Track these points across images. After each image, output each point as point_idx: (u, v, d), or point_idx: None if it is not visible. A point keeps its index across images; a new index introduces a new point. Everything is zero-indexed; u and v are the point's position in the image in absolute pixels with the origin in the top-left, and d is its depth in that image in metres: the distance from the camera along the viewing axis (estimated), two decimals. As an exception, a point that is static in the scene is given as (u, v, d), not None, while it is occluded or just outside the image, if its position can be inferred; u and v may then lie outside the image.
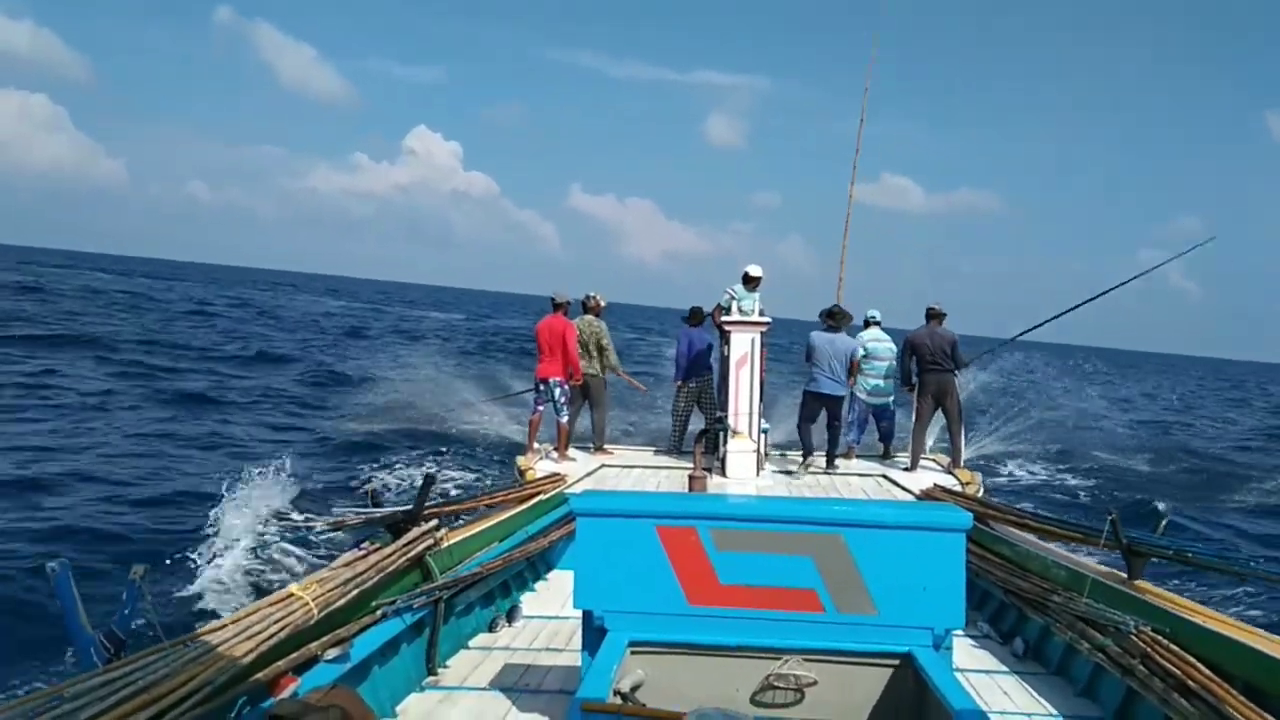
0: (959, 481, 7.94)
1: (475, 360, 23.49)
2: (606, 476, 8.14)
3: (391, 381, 17.15)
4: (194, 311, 38.66)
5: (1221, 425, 25.33)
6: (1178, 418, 26.66)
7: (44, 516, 8.44)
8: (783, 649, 2.84)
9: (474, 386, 15.63)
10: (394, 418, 14.72)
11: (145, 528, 8.40)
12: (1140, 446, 16.65)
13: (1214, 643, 3.23)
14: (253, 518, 8.26)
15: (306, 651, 3.08)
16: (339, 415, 15.44)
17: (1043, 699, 3.74)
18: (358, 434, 13.82)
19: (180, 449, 12.23)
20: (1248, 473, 15.19)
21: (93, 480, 9.99)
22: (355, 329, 39.57)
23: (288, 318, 42.71)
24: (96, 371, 18.28)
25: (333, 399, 17.51)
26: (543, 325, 8.80)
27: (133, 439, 12.44)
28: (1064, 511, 9.49)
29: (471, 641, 4.32)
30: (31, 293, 36.76)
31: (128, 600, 2.71)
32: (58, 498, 9.10)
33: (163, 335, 26.31)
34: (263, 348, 26.19)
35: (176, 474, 10.75)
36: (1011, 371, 16.89)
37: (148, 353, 21.78)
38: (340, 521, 4.05)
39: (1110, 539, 4.07)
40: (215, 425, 14.13)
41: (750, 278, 8.90)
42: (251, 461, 9.60)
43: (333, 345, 30.67)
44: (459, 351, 27.36)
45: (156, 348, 23.01)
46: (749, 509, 3.19)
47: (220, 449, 12.50)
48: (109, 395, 15.69)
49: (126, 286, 51.77)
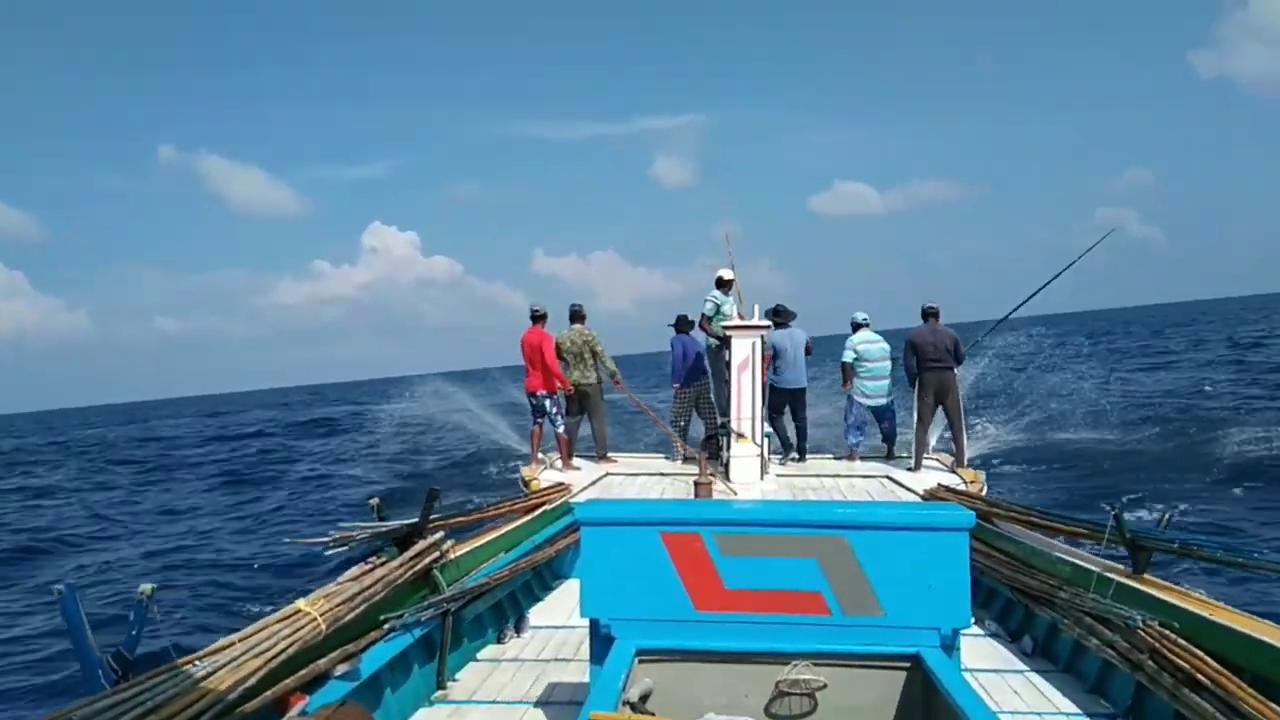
0: (963, 480, 7.93)
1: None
2: (611, 485, 8.14)
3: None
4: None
5: (1189, 377, 24.08)
6: (1152, 376, 25.53)
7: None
8: (790, 653, 2.83)
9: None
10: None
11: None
12: (1116, 420, 16.04)
13: (1222, 636, 3.23)
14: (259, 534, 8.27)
15: (315, 668, 3.08)
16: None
17: (1053, 697, 3.73)
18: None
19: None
20: (1217, 429, 14.49)
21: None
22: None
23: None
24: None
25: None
26: (524, 339, 8.78)
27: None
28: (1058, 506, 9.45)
29: (480, 654, 4.32)
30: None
31: (135, 620, 2.71)
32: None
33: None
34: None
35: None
36: (1007, 354, 16.68)
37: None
38: (347, 536, 4.05)
39: (1114, 534, 4.07)
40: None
41: (724, 281, 9.06)
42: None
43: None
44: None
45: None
46: (753, 513, 3.19)
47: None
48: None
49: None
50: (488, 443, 14.90)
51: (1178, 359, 31.06)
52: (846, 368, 9.28)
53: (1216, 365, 26.81)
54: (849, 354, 9.23)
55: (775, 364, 9.20)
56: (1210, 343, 37.88)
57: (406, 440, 20.97)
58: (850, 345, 9.27)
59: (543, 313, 8.84)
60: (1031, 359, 18.33)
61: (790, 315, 9.37)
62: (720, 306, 9.01)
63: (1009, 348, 16.13)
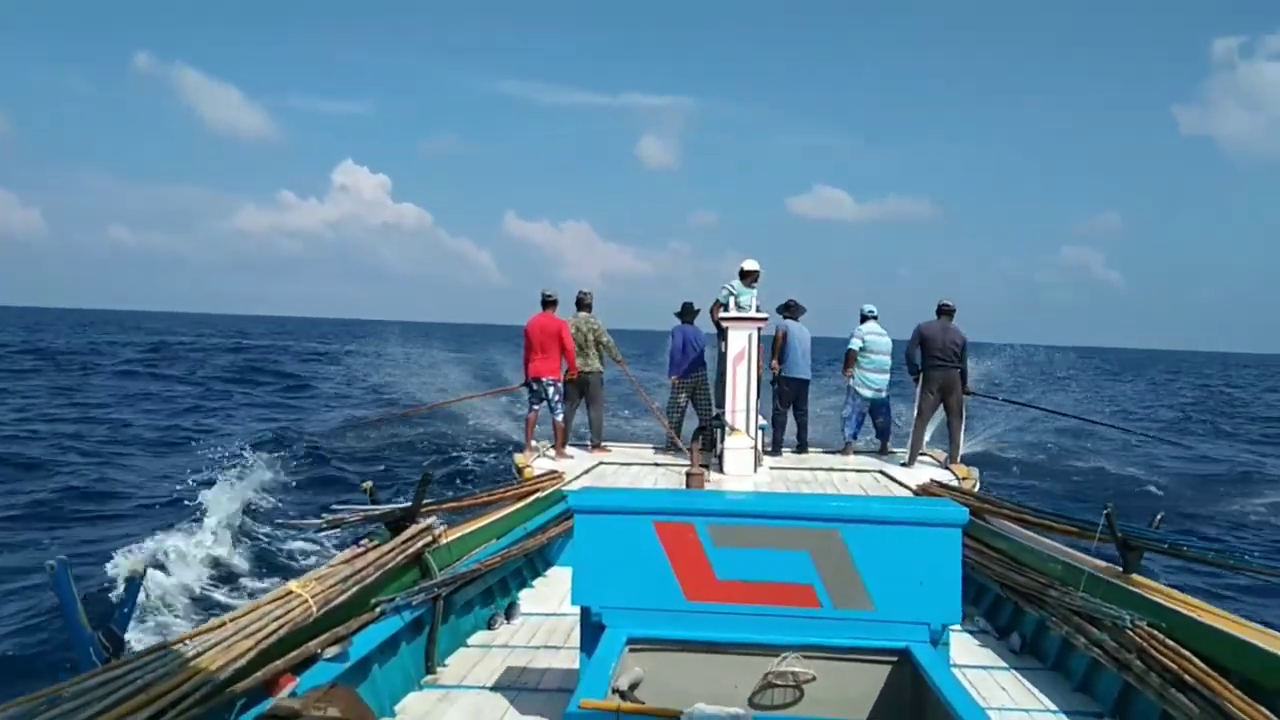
0: (956, 477, 7.96)
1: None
2: (604, 473, 8.15)
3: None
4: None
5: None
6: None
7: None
8: (780, 645, 2.84)
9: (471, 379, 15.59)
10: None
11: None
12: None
13: (1210, 637, 3.24)
14: (243, 512, 8.28)
15: (305, 650, 3.08)
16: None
17: (1040, 694, 3.75)
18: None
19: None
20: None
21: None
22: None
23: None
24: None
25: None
26: (534, 323, 8.71)
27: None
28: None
29: (470, 639, 4.33)
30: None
31: (127, 598, 2.70)
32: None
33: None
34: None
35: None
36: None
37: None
38: (339, 518, 4.04)
39: (1105, 533, 4.08)
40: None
41: (746, 272, 8.91)
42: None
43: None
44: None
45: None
46: (746, 505, 3.19)
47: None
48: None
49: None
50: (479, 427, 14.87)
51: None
52: (851, 354, 9.31)
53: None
54: (856, 342, 9.27)
55: (785, 355, 9.22)
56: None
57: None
58: (858, 334, 9.30)
59: (555, 298, 8.81)
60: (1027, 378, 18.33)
61: (800, 310, 9.50)
62: (736, 298, 8.73)
63: (996, 371, 16.19)
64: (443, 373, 15.68)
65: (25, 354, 33.48)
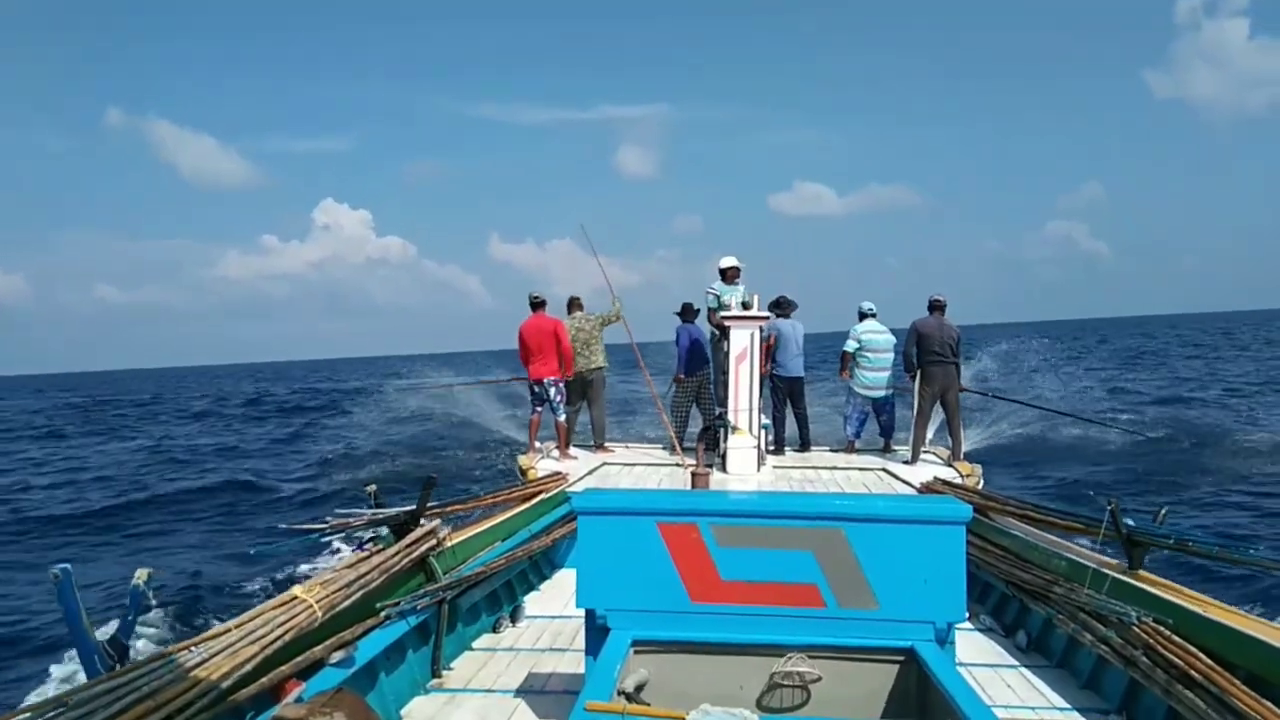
0: (959, 474, 7.94)
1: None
2: (608, 474, 8.15)
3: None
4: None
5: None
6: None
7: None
8: (785, 645, 2.84)
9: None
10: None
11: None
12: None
13: (1216, 633, 3.23)
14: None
15: (311, 655, 3.08)
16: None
17: (1047, 692, 3.74)
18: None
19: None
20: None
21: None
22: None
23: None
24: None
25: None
26: (528, 326, 8.72)
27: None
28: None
29: (476, 642, 4.33)
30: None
31: (132, 605, 2.70)
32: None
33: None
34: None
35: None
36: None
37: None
38: (343, 523, 4.05)
39: (1110, 529, 4.07)
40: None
41: (725, 269, 8.93)
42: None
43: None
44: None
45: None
46: (749, 504, 3.19)
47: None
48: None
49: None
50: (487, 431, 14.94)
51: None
52: (846, 356, 9.29)
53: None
54: (851, 343, 9.23)
55: (776, 354, 9.22)
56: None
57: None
58: (854, 334, 9.26)
59: (543, 299, 8.86)
60: (1022, 363, 18.30)
61: (792, 306, 9.44)
62: (720, 298, 8.86)
63: (1001, 355, 16.09)
64: (466, 394, 15.96)
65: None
